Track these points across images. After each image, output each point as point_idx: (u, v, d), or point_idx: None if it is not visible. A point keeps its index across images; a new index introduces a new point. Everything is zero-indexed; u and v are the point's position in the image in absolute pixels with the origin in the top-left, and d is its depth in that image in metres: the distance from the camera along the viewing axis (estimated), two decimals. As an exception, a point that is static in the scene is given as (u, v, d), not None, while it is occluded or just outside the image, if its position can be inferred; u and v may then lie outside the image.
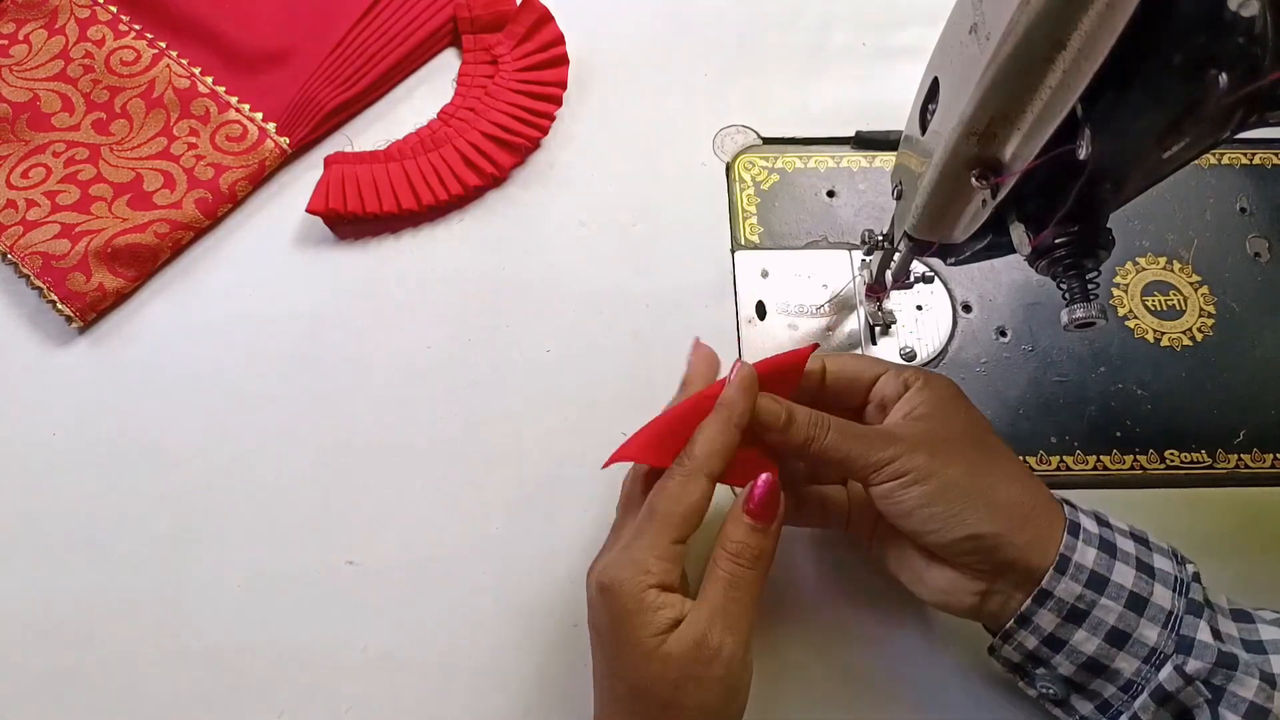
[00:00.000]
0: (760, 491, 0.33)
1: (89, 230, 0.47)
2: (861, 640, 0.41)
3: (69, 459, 0.44)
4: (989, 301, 0.49)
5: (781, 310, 0.49)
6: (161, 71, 0.52)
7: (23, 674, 0.40)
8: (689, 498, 0.33)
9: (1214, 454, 0.46)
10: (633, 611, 0.31)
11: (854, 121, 0.54)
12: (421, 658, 0.41)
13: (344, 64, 0.53)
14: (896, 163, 0.39)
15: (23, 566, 0.42)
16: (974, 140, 0.31)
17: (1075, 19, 0.25)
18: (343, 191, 0.49)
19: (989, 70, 0.28)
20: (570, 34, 0.54)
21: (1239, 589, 0.43)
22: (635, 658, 0.31)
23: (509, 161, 0.51)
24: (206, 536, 0.43)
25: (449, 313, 0.48)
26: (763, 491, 0.33)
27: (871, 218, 0.51)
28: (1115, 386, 0.47)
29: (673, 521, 0.33)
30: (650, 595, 0.31)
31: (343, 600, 0.42)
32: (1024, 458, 0.45)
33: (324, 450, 0.45)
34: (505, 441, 0.45)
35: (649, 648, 0.31)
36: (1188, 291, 0.50)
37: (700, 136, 0.54)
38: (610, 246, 0.50)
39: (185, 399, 0.46)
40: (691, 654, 0.31)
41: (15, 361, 0.47)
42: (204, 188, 0.49)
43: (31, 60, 0.53)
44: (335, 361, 0.47)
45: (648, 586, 0.32)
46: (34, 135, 0.51)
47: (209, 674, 0.40)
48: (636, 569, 0.32)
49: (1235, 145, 0.54)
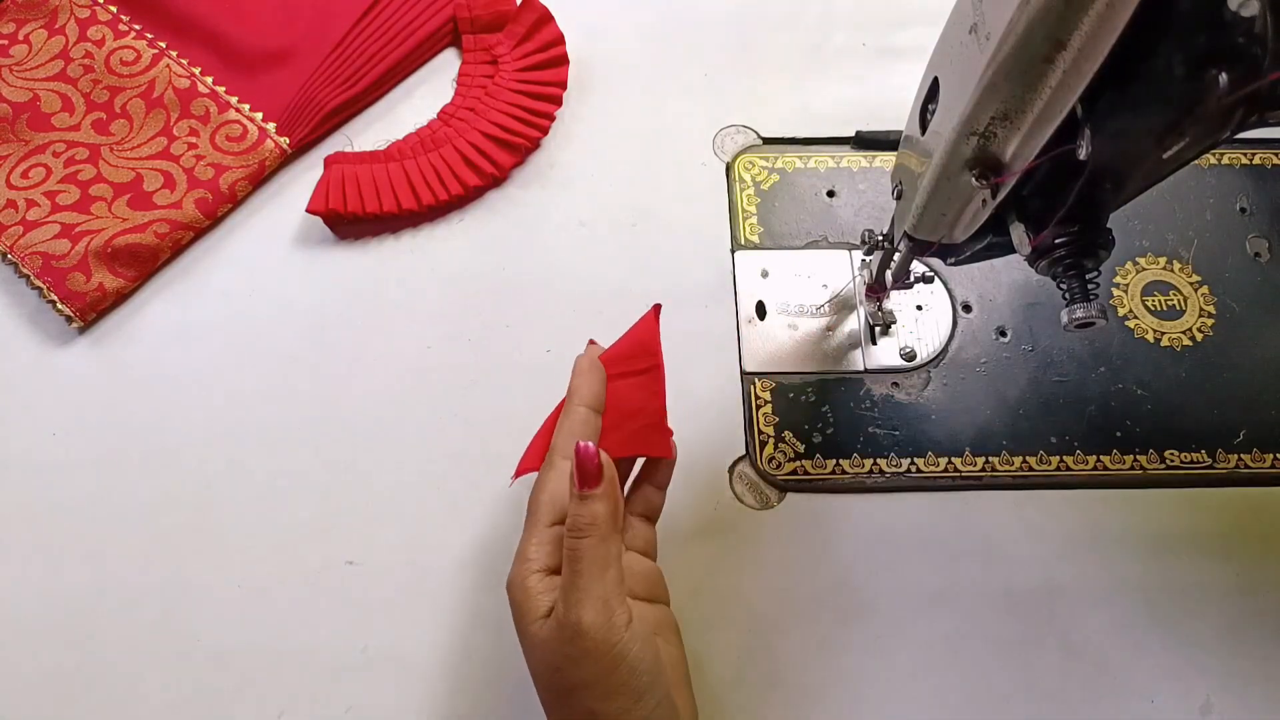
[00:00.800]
0: (576, 462, 0.33)
1: (89, 230, 0.47)
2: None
3: (69, 459, 0.44)
4: (989, 301, 0.49)
5: (781, 310, 0.49)
6: (161, 71, 0.52)
7: (23, 674, 0.40)
8: (552, 484, 0.35)
9: (1214, 454, 0.46)
10: (519, 602, 0.33)
11: (854, 121, 0.54)
12: (421, 658, 0.41)
13: (344, 64, 0.53)
14: (896, 163, 0.39)
15: (23, 566, 0.42)
16: (974, 140, 0.31)
17: (1075, 19, 0.25)
18: (343, 191, 0.49)
19: (989, 70, 0.28)
20: (570, 34, 0.54)
21: (1239, 589, 0.43)
22: (525, 649, 0.33)
23: (509, 161, 0.51)
24: (206, 536, 0.43)
25: (449, 313, 0.48)
26: (579, 461, 0.33)
27: (871, 218, 0.51)
28: (1115, 386, 0.47)
29: (543, 509, 0.34)
30: (532, 581, 0.33)
31: (343, 600, 0.42)
32: (1024, 457, 0.45)
33: (324, 450, 0.45)
34: (505, 441, 0.45)
35: (530, 636, 0.32)
36: (1188, 291, 0.50)
37: (700, 136, 0.54)
38: (610, 246, 0.50)
39: (185, 399, 0.46)
40: (556, 634, 0.31)
41: (15, 361, 0.47)
42: (204, 188, 0.49)
43: (31, 60, 0.53)
44: (335, 361, 0.47)
45: (530, 574, 0.33)
46: (34, 135, 0.51)
47: (209, 674, 0.40)
48: (520, 560, 0.34)
49: (1235, 145, 0.54)
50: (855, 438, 0.46)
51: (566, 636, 0.31)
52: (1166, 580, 0.43)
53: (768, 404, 0.46)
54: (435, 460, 0.45)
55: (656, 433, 0.38)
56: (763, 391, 0.47)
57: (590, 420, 0.36)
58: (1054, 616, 0.42)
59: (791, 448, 0.45)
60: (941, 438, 0.46)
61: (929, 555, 0.44)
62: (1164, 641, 0.42)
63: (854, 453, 0.45)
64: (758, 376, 0.47)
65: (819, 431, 0.46)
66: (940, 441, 0.46)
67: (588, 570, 0.31)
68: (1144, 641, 0.42)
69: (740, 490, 0.45)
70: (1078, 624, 0.42)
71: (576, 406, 0.36)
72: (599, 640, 0.31)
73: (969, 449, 0.46)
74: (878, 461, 0.45)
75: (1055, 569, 0.43)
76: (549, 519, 0.34)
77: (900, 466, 0.45)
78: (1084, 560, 0.44)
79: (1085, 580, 0.43)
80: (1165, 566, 0.44)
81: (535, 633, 0.32)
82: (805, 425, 0.46)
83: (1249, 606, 0.43)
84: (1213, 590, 0.43)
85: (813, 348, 0.48)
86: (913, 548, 0.44)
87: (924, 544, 0.44)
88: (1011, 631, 0.42)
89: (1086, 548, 0.44)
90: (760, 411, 0.46)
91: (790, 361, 0.48)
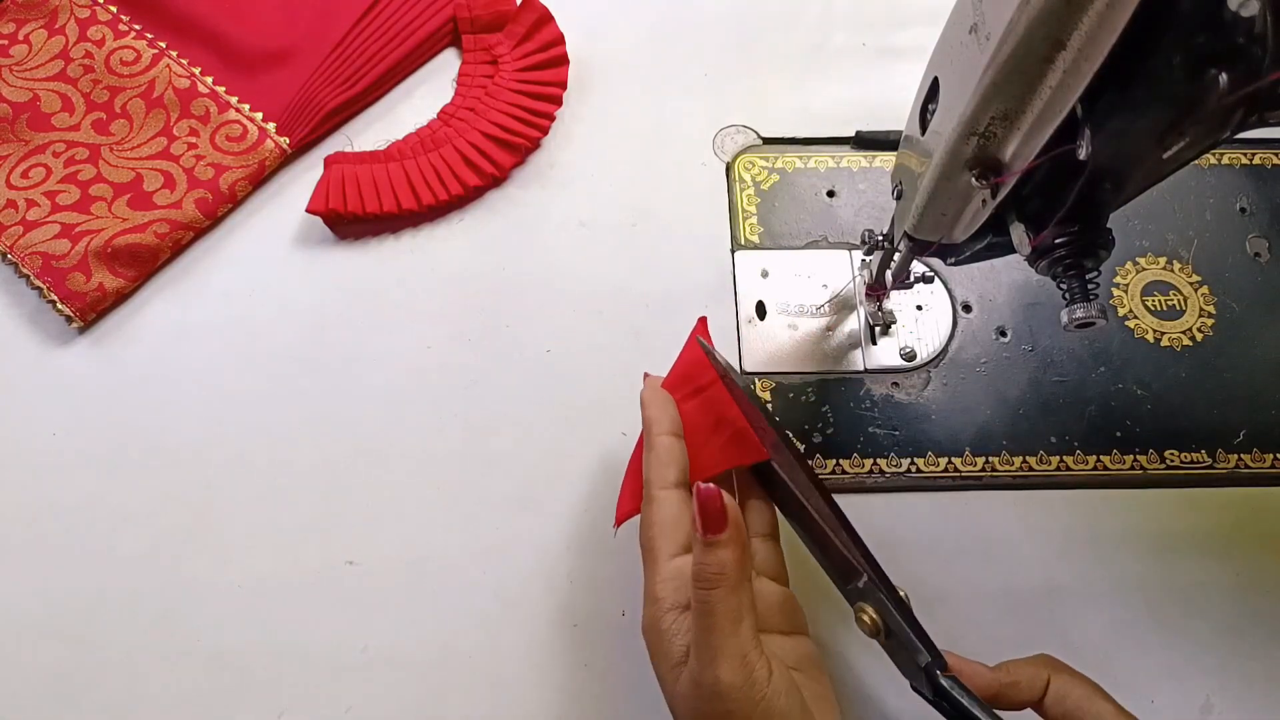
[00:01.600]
0: (698, 505, 0.31)
1: (89, 230, 0.47)
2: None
3: (69, 459, 0.44)
4: (989, 301, 0.49)
5: (781, 310, 0.49)
6: (161, 71, 0.52)
7: (23, 674, 0.40)
8: (661, 515, 0.33)
9: (1214, 454, 0.46)
10: (655, 645, 0.32)
11: (854, 121, 0.54)
12: (421, 658, 0.41)
13: (344, 64, 0.53)
14: (896, 163, 0.39)
15: (23, 566, 0.42)
16: (974, 140, 0.30)
17: (1075, 19, 0.25)
18: (343, 191, 0.49)
19: (989, 70, 0.28)
20: (570, 34, 0.54)
21: (1239, 589, 0.43)
22: (666, 696, 0.32)
23: (509, 161, 0.51)
24: (206, 536, 0.43)
25: (449, 313, 0.48)
26: (700, 504, 0.31)
27: (871, 218, 0.51)
28: (1115, 386, 0.47)
29: (659, 544, 0.33)
30: (667, 620, 0.31)
31: (343, 600, 0.42)
32: (1024, 457, 0.45)
33: (324, 450, 0.45)
34: (505, 441, 0.45)
35: (669, 684, 0.31)
36: (1188, 291, 0.50)
37: (700, 136, 0.54)
38: (610, 246, 0.50)
39: (185, 399, 0.46)
40: (694, 691, 0.30)
41: (15, 361, 0.47)
42: (204, 188, 0.49)
43: (31, 60, 0.53)
44: (335, 361, 0.47)
45: (663, 612, 0.32)
46: (34, 135, 0.51)
47: (209, 674, 0.40)
48: (650, 602, 0.32)
49: (1235, 145, 0.54)
50: (855, 438, 0.46)
51: (705, 695, 0.30)
52: (1166, 580, 0.43)
53: (768, 404, 0.46)
54: (435, 460, 0.45)
55: (744, 441, 0.36)
56: (763, 391, 0.47)
57: (674, 447, 0.35)
58: (1054, 616, 0.42)
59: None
60: (941, 438, 0.46)
61: (929, 555, 0.44)
62: (1164, 641, 0.42)
63: (854, 453, 0.45)
64: (758, 376, 0.47)
65: (819, 431, 0.46)
66: (940, 441, 0.46)
67: (720, 625, 0.30)
68: (1144, 641, 0.42)
69: (740, 490, 0.45)
70: (1078, 624, 0.42)
71: (658, 436, 0.35)
72: (740, 701, 0.29)
73: (969, 449, 0.46)
74: (878, 461, 0.45)
75: (1055, 569, 0.43)
76: (669, 552, 0.33)
77: (900, 466, 0.45)
78: (1084, 560, 0.44)
79: (1085, 580, 0.43)
80: (1165, 566, 0.44)
81: (674, 682, 0.31)
82: (805, 425, 0.46)
83: (1249, 606, 0.43)
84: (1213, 590, 0.43)
85: (813, 348, 0.48)
86: (913, 548, 0.44)
87: (924, 544, 0.44)
88: (1011, 631, 0.42)
89: (1086, 548, 0.44)
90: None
91: (790, 361, 0.48)
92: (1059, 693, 0.33)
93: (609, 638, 0.41)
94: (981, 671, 0.34)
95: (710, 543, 0.30)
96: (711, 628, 0.30)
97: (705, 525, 0.30)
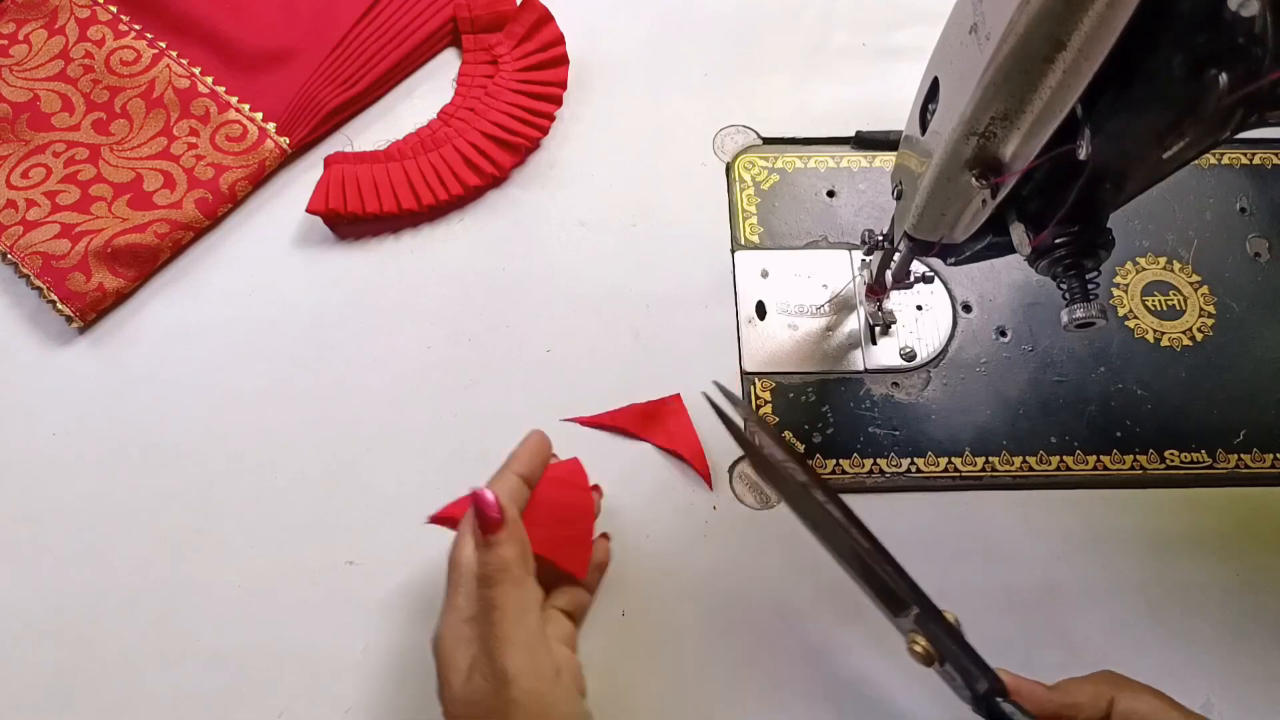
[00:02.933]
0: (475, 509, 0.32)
1: (89, 230, 0.47)
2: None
3: (69, 459, 0.44)
4: (989, 301, 0.49)
5: (781, 310, 0.49)
6: (161, 71, 0.52)
7: (23, 674, 0.40)
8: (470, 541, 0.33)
9: (1214, 454, 0.46)
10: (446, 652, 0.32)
11: (854, 121, 0.54)
12: (421, 658, 0.41)
13: (344, 64, 0.53)
14: (896, 163, 0.39)
15: (23, 566, 0.42)
16: (974, 140, 0.31)
17: (1075, 19, 0.25)
18: (343, 191, 0.49)
19: (989, 70, 0.28)
20: (570, 34, 0.54)
21: (1239, 589, 0.43)
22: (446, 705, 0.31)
23: (509, 161, 0.51)
24: (206, 536, 0.43)
25: (449, 313, 0.48)
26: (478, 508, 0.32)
27: (871, 218, 0.51)
28: (1115, 386, 0.47)
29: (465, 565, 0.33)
30: (462, 629, 0.32)
31: (343, 600, 0.42)
32: (1024, 458, 0.45)
33: (324, 450, 0.45)
34: (505, 441, 0.45)
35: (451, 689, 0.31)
36: (1188, 291, 0.50)
37: (700, 136, 0.54)
38: (610, 246, 0.50)
39: (185, 399, 0.46)
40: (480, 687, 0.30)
41: (15, 361, 0.47)
42: (204, 188, 0.49)
43: (31, 60, 0.53)
44: (335, 361, 0.47)
45: (459, 622, 0.32)
46: (34, 135, 0.51)
47: (209, 674, 0.40)
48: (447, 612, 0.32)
49: (1235, 145, 0.54)
50: (855, 438, 0.46)
51: (492, 688, 0.30)
52: (1166, 580, 0.43)
53: (768, 404, 0.46)
54: (435, 460, 0.45)
55: (579, 550, 0.37)
56: (763, 391, 0.47)
57: (519, 490, 0.35)
58: (1054, 616, 0.42)
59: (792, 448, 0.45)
60: (941, 438, 0.46)
61: (929, 555, 0.43)
62: (1164, 641, 0.42)
63: (854, 453, 0.45)
64: (758, 376, 0.47)
65: (819, 431, 0.46)
66: (940, 441, 0.46)
67: (506, 618, 0.30)
68: (1144, 641, 0.42)
69: (740, 490, 0.45)
70: (1078, 624, 0.42)
71: (509, 473, 0.36)
72: (527, 689, 0.29)
73: (969, 449, 0.46)
74: (878, 461, 0.45)
75: (1055, 569, 0.43)
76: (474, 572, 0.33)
77: (900, 466, 0.45)
78: (1084, 560, 0.44)
79: (1085, 580, 0.43)
80: (1165, 566, 0.44)
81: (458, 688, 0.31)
82: (805, 425, 0.46)
83: (1249, 606, 0.43)
84: (1213, 590, 0.43)
85: (813, 348, 0.48)
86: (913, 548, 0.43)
87: (924, 544, 0.44)
88: (1011, 631, 0.42)
89: (1086, 548, 0.44)
90: (760, 412, 0.46)
91: (790, 361, 0.48)
92: (1126, 712, 0.33)
93: (608, 637, 0.41)
94: (1039, 692, 0.33)
95: (490, 543, 0.31)
96: (499, 620, 0.30)
97: (483, 526, 0.32)
